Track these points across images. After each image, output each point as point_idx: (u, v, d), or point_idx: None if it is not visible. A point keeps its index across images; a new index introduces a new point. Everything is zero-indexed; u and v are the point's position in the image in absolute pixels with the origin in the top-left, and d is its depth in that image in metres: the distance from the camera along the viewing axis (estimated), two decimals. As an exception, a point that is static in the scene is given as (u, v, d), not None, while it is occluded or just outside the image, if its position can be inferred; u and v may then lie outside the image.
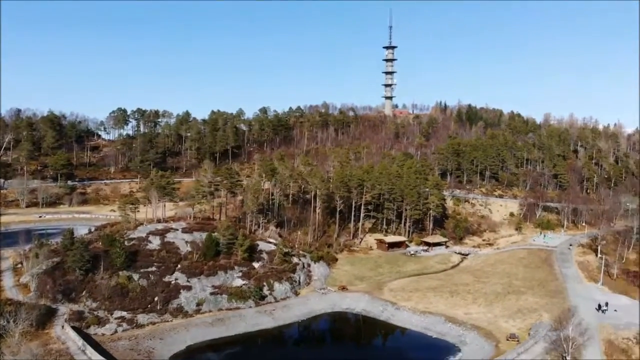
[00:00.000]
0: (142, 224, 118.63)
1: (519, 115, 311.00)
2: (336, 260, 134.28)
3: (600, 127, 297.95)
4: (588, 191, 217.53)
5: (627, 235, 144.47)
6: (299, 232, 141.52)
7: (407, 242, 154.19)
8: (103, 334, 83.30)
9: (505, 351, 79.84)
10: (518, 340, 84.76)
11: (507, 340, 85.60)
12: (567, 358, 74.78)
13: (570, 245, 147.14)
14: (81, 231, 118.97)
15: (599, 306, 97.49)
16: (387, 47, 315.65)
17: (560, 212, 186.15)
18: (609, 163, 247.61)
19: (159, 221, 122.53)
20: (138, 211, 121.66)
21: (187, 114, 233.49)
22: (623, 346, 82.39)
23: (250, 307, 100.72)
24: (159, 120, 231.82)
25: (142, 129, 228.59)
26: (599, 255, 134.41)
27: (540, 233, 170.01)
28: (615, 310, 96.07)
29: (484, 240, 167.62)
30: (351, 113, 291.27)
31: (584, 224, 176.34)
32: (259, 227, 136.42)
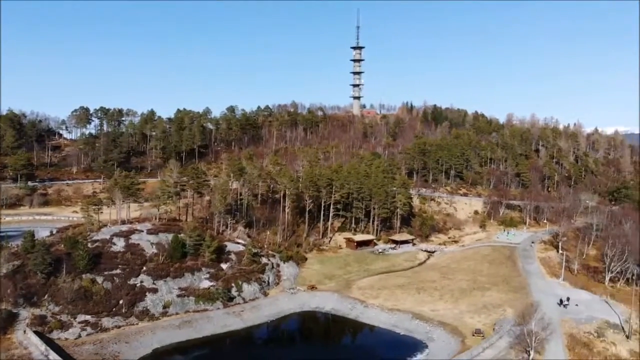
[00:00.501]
0: (105, 225, 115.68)
1: (482, 115, 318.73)
2: (305, 259, 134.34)
3: (561, 127, 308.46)
4: (549, 189, 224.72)
5: (587, 232, 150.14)
6: (268, 232, 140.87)
7: (375, 241, 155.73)
8: (66, 339, 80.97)
9: (471, 346, 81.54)
10: (483, 336, 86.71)
11: (473, 335, 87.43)
12: (531, 352, 77.01)
13: (533, 242, 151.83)
14: (42, 233, 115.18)
15: (561, 301, 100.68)
16: (354, 48, 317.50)
17: (522, 209, 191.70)
18: (569, 162, 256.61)
19: (123, 222, 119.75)
20: (101, 212, 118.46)
21: (152, 112, 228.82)
22: (584, 340, 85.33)
23: (219, 308, 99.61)
24: (123, 119, 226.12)
25: (105, 128, 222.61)
26: (560, 251, 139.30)
27: (504, 230, 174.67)
28: (576, 305, 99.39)
29: (449, 237, 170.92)
30: (320, 113, 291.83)
31: (545, 221, 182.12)
32: (227, 227, 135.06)
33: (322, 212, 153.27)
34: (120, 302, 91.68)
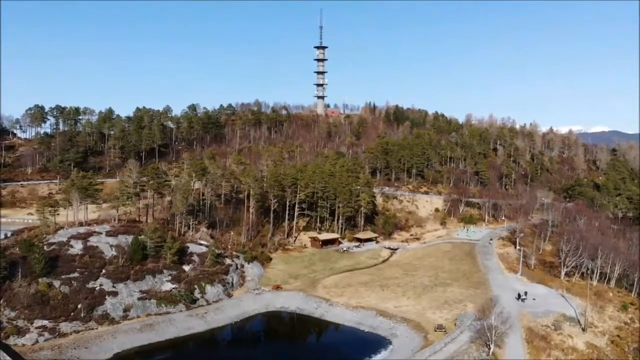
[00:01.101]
0: (62, 227, 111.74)
1: (442, 115, 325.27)
2: (270, 259, 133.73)
3: (518, 126, 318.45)
4: (507, 187, 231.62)
5: (543, 228, 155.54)
6: (232, 233, 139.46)
7: (340, 239, 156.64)
8: (23, 345, 77.94)
9: (434, 342, 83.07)
10: (445, 331, 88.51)
11: (435, 331, 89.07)
12: (491, 346, 79.19)
13: (491, 239, 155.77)
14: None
15: (519, 295, 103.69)
16: (318, 47, 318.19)
17: (481, 207, 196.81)
18: (525, 160, 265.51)
19: (81, 224, 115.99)
20: (58, 214, 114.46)
21: (110, 111, 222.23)
22: (542, 333, 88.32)
23: (181, 311, 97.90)
24: (80, 117, 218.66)
25: (61, 127, 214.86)
26: (518, 247, 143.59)
27: (464, 227, 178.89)
28: (533, 299, 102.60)
29: (411, 235, 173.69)
30: (284, 112, 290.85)
31: (503, 218, 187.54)
32: (189, 228, 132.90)
33: (287, 212, 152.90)
34: (79, 306, 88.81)
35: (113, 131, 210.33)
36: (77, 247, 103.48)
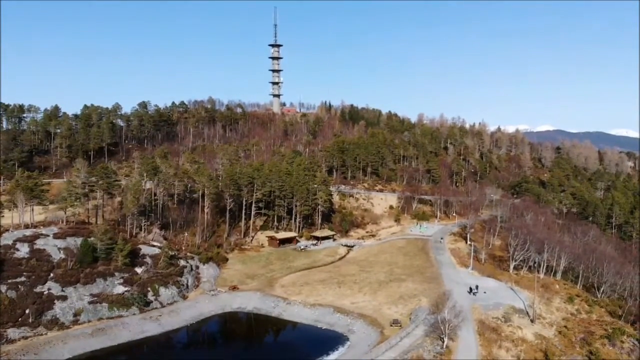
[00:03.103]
0: (7, 230, 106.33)
1: (395, 115, 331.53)
2: (227, 260, 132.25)
3: (467, 126, 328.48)
4: (457, 184, 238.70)
5: (492, 224, 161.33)
6: (186, 234, 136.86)
7: (297, 238, 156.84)
8: (-34, 354, 73.80)
9: (390, 336, 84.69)
10: (400, 325, 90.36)
11: (391, 326, 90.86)
12: (445, 339, 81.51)
13: (441, 238, 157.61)
14: None
15: (470, 289, 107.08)
16: (273, 45, 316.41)
17: (433, 204, 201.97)
18: (475, 158, 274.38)
19: (26, 227, 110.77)
20: (2, 216, 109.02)
21: (56, 108, 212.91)
22: (493, 325, 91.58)
23: (134, 314, 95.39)
24: (24, 115, 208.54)
25: (5, 125, 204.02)
26: (469, 242, 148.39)
27: (417, 224, 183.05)
28: (484, 292, 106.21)
29: (367, 232, 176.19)
30: (239, 110, 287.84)
31: (454, 214, 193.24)
32: (141, 230, 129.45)
33: (243, 211, 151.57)
34: (27, 311, 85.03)
35: (60, 129, 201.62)
36: (23, 250, 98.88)
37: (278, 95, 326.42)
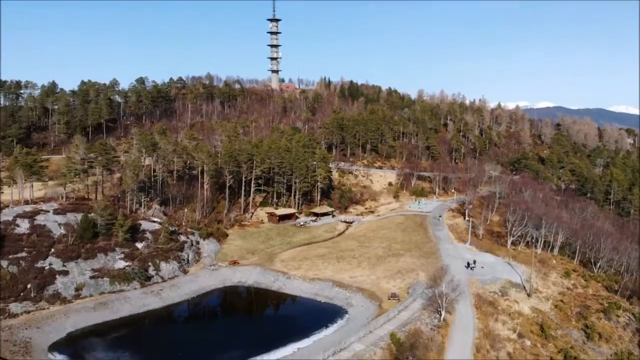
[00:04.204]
0: (7, 206, 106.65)
1: (395, 91, 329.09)
2: (227, 235, 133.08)
3: (467, 102, 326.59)
4: (456, 161, 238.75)
5: (491, 200, 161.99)
6: (186, 210, 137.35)
7: (297, 214, 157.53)
8: (-30, 327, 74.84)
9: (388, 310, 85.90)
10: (398, 299, 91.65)
11: (389, 299, 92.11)
12: (442, 312, 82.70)
13: (440, 216, 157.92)
14: None
15: (468, 264, 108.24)
16: (271, 20, 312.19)
17: (432, 180, 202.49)
18: (474, 135, 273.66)
19: (27, 203, 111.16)
20: (2, 192, 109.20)
21: (54, 84, 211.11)
22: (490, 299, 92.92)
23: (136, 288, 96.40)
24: (22, 91, 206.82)
25: (2, 101, 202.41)
26: (467, 218, 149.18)
27: (415, 200, 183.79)
28: (482, 267, 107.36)
29: (366, 208, 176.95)
30: (237, 86, 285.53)
31: (453, 190, 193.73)
32: (140, 205, 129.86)
33: (243, 188, 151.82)
34: (29, 286, 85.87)
35: (57, 106, 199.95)
36: (23, 226, 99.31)
37: (277, 71, 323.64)
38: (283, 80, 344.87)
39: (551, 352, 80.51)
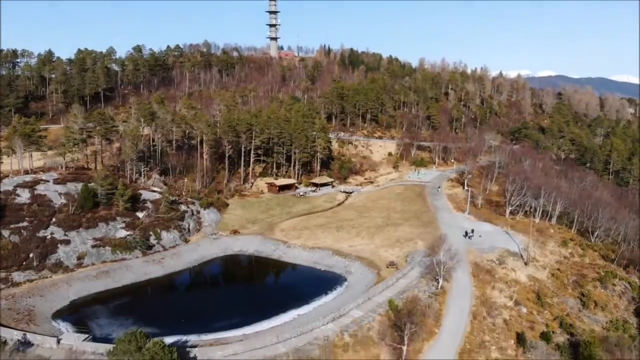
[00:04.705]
0: (7, 176, 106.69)
1: (396, 59, 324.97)
2: (227, 205, 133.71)
3: (469, 71, 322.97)
4: (457, 130, 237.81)
5: (490, 170, 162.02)
6: (186, 179, 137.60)
7: (296, 184, 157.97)
8: (-26, 295, 75.82)
9: (386, 277, 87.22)
10: (397, 267, 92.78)
11: (387, 267, 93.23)
12: (440, 280, 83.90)
13: (439, 187, 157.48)
14: None
15: (466, 233, 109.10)
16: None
17: (432, 150, 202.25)
18: (475, 104, 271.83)
19: (26, 172, 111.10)
20: (2, 162, 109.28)
21: (50, 53, 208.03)
22: (487, 267, 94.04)
23: (137, 257, 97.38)
24: (18, 60, 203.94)
25: None
26: (466, 188, 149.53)
27: (415, 170, 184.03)
28: (479, 236, 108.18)
29: (365, 178, 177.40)
30: (235, 54, 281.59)
31: (453, 160, 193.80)
32: (140, 175, 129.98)
33: (242, 158, 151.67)
34: (31, 255, 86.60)
35: (54, 74, 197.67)
36: (24, 195, 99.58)
37: (275, 39, 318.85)
38: (282, 48, 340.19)
39: (547, 319, 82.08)
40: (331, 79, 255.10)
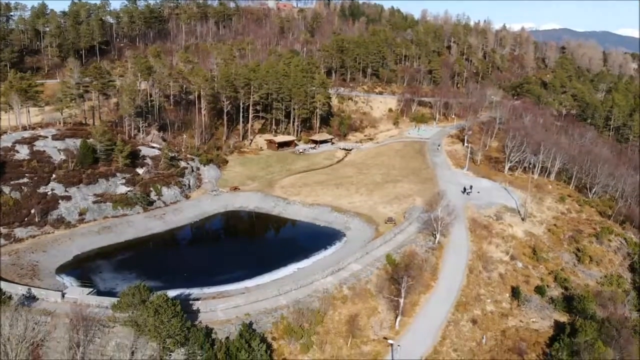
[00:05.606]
0: (5, 132, 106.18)
1: (398, 11, 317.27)
2: (227, 162, 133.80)
3: (472, 23, 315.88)
4: (458, 86, 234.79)
5: (490, 125, 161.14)
6: (185, 136, 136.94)
7: (296, 141, 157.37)
8: (-23, 251, 76.98)
9: (384, 233, 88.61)
10: (395, 223, 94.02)
11: (386, 223, 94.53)
12: (437, 235, 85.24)
13: (439, 145, 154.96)
14: None
15: (464, 189, 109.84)
16: None
17: (433, 106, 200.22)
18: (477, 58, 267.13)
19: (24, 129, 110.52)
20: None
21: (43, 5, 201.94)
22: (485, 223, 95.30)
23: (139, 213, 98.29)
24: (12, 14, 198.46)
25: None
26: (466, 144, 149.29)
27: (415, 126, 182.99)
28: (478, 192, 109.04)
29: (365, 135, 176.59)
30: (232, 4, 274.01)
31: (453, 116, 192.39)
32: (139, 131, 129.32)
33: (241, 114, 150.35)
34: (32, 211, 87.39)
35: (48, 28, 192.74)
36: (23, 152, 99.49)
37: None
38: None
39: (542, 274, 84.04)
40: (331, 31, 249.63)
